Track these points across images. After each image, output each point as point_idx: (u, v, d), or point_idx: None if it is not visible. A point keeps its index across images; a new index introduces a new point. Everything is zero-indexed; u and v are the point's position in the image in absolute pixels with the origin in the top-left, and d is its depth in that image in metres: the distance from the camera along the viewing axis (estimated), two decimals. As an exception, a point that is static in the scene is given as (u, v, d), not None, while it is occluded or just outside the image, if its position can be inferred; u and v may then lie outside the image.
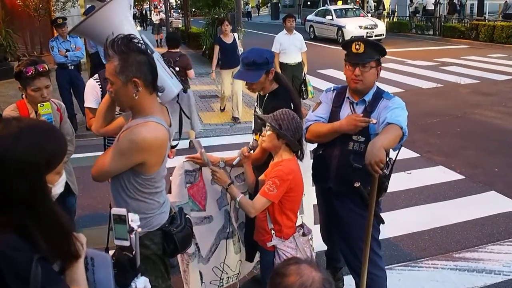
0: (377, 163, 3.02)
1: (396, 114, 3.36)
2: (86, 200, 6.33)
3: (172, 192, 3.68)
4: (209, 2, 20.90)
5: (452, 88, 13.74)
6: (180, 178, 3.68)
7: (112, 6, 2.87)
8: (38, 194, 1.79)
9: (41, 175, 1.80)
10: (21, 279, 1.69)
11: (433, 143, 8.99)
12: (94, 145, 8.35)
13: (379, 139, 3.15)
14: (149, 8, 48.24)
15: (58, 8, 15.75)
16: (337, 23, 25.98)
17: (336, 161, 3.63)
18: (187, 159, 3.76)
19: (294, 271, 1.80)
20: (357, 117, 3.48)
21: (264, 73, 3.86)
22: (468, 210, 6.08)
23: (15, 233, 1.73)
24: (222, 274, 4.07)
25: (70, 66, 9.64)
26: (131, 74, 2.59)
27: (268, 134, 3.45)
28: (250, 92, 4.16)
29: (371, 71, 3.53)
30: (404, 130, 3.30)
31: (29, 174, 1.75)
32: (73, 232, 1.93)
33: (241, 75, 4.06)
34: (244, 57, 3.95)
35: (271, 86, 3.98)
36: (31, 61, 3.91)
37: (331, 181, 3.71)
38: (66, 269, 1.90)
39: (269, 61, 3.88)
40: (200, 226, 3.82)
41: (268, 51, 4.01)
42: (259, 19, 48.98)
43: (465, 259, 5.02)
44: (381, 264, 3.87)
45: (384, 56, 3.68)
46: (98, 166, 2.76)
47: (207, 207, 3.87)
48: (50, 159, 1.83)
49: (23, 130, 1.78)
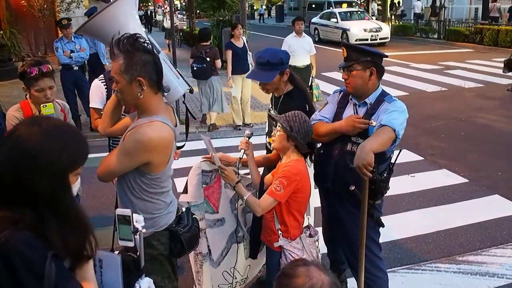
0: (365, 166, 3.04)
1: (392, 117, 3.37)
2: (90, 201, 6.34)
3: (189, 192, 3.69)
4: (214, 4, 20.94)
5: (456, 91, 13.73)
6: (197, 178, 3.68)
7: (119, 5, 2.88)
8: (62, 191, 1.84)
9: (66, 173, 1.85)
10: (34, 276, 1.70)
11: (437, 147, 8.98)
12: (98, 146, 8.32)
13: (368, 143, 3.17)
14: (153, 9, 48.12)
15: (62, 9, 15.83)
16: (342, 26, 25.97)
17: (334, 162, 3.65)
18: (204, 159, 3.76)
19: (303, 273, 1.79)
20: (356, 118, 3.51)
21: (279, 73, 3.84)
22: (471, 214, 6.07)
23: (28, 230, 1.75)
24: (232, 279, 4.07)
25: (74, 67, 9.66)
26: (136, 73, 2.61)
27: (279, 134, 3.46)
28: (264, 93, 4.11)
29: (358, 74, 3.55)
30: (397, 133, 3.30)
31: (56, 171, 1.80)
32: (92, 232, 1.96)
33: (255, 75, 4.03)
34: (258, 56, 3.92)
35: (286, 87, 3.96)
36: (35, 61, 3.91)
37: (329, 181, 3.73)
38: (77, 268, 1.91)
39: (284, 62, 3.86)
40: (213, 228, 3.83)
41: (283, 52, 3.97)
42: (264, 22, 48.97)
43: (468, 262, 5.02)
44: (382, 266, 3.87)
45: (382, 58, 3.67)
46: (104, 166, 2.76)
47: (220, 209, 3.88)
48: (75, 159, 1.89)
49: (53, 129, 1.84)
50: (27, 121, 1.93)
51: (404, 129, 3.45)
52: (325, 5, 33.17)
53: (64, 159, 1.83)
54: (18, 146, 1.78)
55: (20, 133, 1.80)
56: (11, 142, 1.80)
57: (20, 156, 1.76)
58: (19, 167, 1.76)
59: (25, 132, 1.81)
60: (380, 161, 3.39)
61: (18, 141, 1.79)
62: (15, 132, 1.83)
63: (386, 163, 3.55)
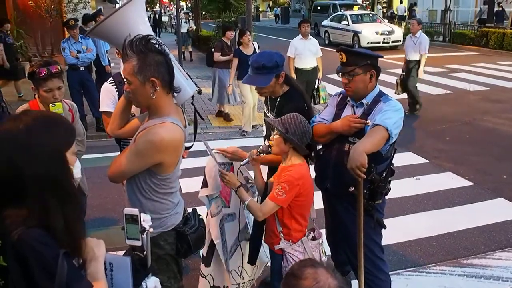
0: (358, 168, 3.06)
1: (386, 116, 3.39)
2: (95, 200, 6.36)
3: (209, 185, 3.67)
4: (219, 6, 20.98)
5: (461, 94, 13.71)
6: (215, 170, 3.67)
7: (129, 8, 2.91)
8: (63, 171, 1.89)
9: (62, 152, 1.90)
10: (47, 273, 1.73)
11: (442, 149, 8.98)
12: (104, 146, 8.42)
13: (361, 144, 3.20)
14: (160, 11, 47.92)
15: (69, 10, 15.88)
16: (353, 28, 25.28)
17: (333, 162, 3.66)
18: (217, 151, 3.78)
19: (311, 275, 1.79)
20: (351, 118, 3.54)
21: (274, 76, 3.81)
22: (476, 217, 6.07)
23: (39, 227, 1.77)
24: (240, 279, 4.07)
25: (81, 67, 9.69)
26: (149, 74, 2.63)
27: (275, 138, 3.48)
28: (260, 96, 4.12)
29: (359, 78, 3.57)
30: (390, 132, 3.31)
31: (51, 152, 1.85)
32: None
33: (251, 80, 3.97)
34: (253, 61, 3.87)
35: (282, 89, 3.94)
36: (44, 62, 3.93)
37: (328, 182, 3.75)
38: (88, 268, 1.94)
39: (279, 64, 3.82)
40: (226, 223, 3.84)
41: (278, 54, 3.90)
42: (269, 23, 48.89)
43: (472, 265, 5.02)
44: (385, 268, 3.88)
45: (378, 59, 3.68)
46: (115, 167, 2.79)
47: (231, 203, 3.90)
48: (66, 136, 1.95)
49: (35, 116, 1.90)
50: (9, 118, 1.98)
51: (400, 127, 3.46)
52: (331, 8, 32.95)
53: (56, 138, 1.87)
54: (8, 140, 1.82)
55: (6, 129, 1.85)
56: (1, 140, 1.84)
57: (13, 149, 1.80)
58: (15, 160, 1.79)
59: (10, 126, 1.85)
60: (377, 161, 3.41)
61: (6, 137, 1.83)
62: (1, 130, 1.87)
63: (385, 163, 3.57)
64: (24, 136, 1.81)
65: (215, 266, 3.87)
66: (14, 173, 1.79)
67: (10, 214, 1.80)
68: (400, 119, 3.49)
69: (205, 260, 3.86)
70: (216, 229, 3.69)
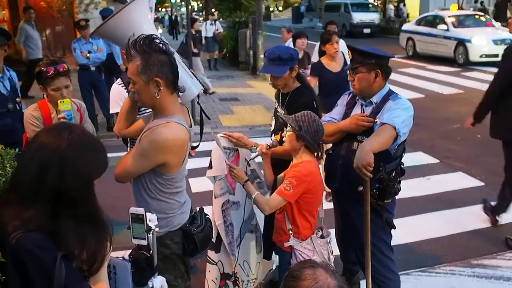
0: (364, 167, 3.07)
1: (394, 115, 3.39)
2: (105, 199, 6.33)
3: (213, 166, 3.73)
4: (230, 5, 21.01)
5: (473, 94, 13.56)
6: (219, 153, 3.72)
7: (133, 7, 2.92)
8: (87, 195, 1.92)
9: (92, 179, 1.94)
10: (45, 277, 1.74)
11: (453, 149, 8.92)
12: (114, 146, 8.41)
13: (368, 143, 3.21)
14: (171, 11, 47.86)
15: (81, 10, 15.96)
16: (456, 35, 17.98)
17: (341, 161, 3.66)
18: (223, 135, 3.85)
19: (310, 276, 1.79)
20: (359, 117, 3.55)
21: (289, 69, 3.95)
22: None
23: (38, 231, 1.78)
24: (242, 275, 4.06)
25: (92, 67, 9.73)
26: (153, 73, 2.64)
27: (288, 134, 3.49)
28: (273, 88, 4.28)
29: (362, 76, 3.57)
30: (397, 130, 3.31)
31: (83, 176, 1.88)
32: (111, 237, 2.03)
33: (266, 69, 4.16)
34: (269, 52, 4.05)
35: (294, 84, 4.07)
36: (52, 61, 3.97)
37: (337, 181, 3.75)
38: (93, 274, 1.95)
39: (294, 57, 3.98)
40: (232, 211, 3.86)
41: (293, 49, 4.13)
42: (280, 23, 48.83)
43: (483, 266, 4.98)
44: (394, 268, 3.87)
45: (387, 59, 3.67)
46: (121, 167, 2.81)
47: (236, 191, 3.91)
48: (101, 165, 1.98)
49: (82, 135, 1.94)
50: (56, 127, 2.02)
51: (409, 126, 3.46)
52: (342, 7, 31.89)
53: (91, 164, 1.90)
54: (48, 149, 1.84)
55: (50, 137, 1.88)
56: (38, 144, 1.87)
57: (49, 159, 1.82)
58: (47, 169, 1.81)
59: (54, 137, 1.87)
60: (386, 160, 3.40)
61: (47, 144, 1.86)
62: (40, 136, 1.90)
63: (395, 162, 3.55)
64: (63, 152, 1.84)
65: (224, 252, 3.89)
66: (40, 179, 1.82)
67: (11, 214, 1.81)
68: (409, 118, 3.48)
69: (214, 246, 3.87)
70: (218, 210, 3.74)
